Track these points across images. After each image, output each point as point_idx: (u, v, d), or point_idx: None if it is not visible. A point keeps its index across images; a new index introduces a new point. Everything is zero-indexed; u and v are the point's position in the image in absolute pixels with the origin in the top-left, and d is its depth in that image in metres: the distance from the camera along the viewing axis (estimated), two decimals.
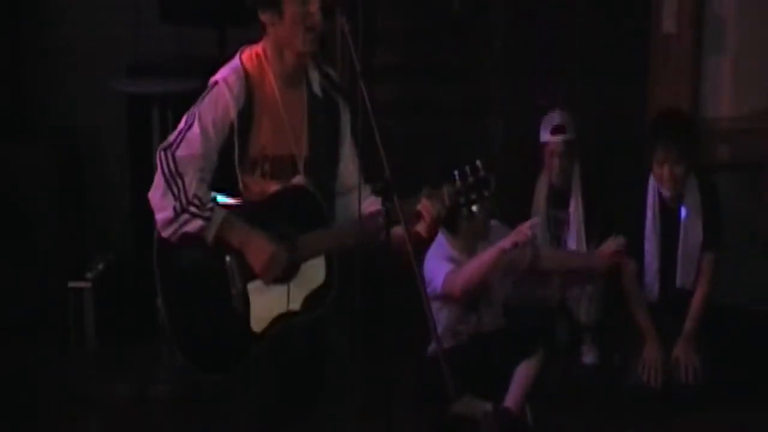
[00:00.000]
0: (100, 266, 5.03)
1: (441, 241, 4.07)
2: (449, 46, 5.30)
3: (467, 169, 2.97)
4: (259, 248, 2.97)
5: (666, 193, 4.34)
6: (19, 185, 5.05)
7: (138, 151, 4.95)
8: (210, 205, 2.94)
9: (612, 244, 4.29)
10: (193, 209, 2.92)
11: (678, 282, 4.39)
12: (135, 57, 5.08)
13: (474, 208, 3.01)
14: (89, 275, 4.94)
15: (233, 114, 2.99)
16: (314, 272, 3.03)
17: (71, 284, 4.88)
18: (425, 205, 2.97)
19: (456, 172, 2.98)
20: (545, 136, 4.64)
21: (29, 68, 5.40)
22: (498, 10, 5.22)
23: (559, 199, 4.72)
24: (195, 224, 2.93)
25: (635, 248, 4.40)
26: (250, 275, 3.02)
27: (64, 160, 5.23)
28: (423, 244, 3.04)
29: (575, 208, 4.68)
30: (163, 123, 4.63)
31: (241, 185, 3.03)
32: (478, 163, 2.98)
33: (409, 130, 5.20)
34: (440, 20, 5.31)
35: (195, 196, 2.93)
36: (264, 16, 3.00)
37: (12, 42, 5.36)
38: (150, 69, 4.98)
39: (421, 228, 2.99)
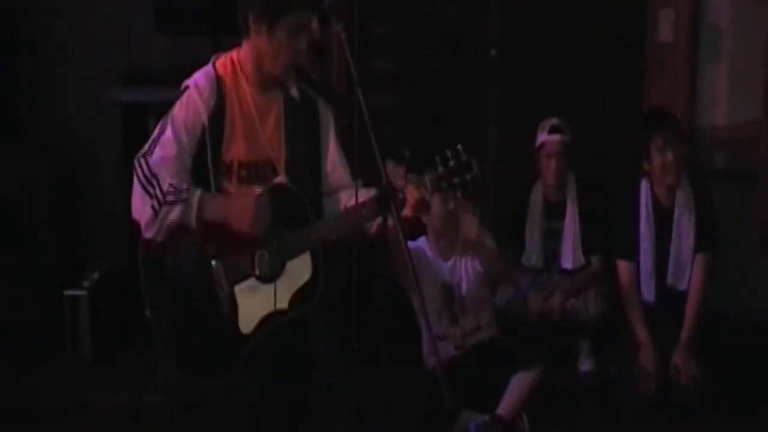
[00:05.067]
0: (96, 274, 5.02)
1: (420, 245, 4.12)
2: (445, 54, 5.31)
3: (449, 153, 2.98)
4: (240, 206, 2.97)
5: (669, 180, 4.36)
6: (14, 194, 5.03)
7: (132, 159, 4.93)
8: (185, 187, 2.95)
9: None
10: (170, 197, 2.94)
11: (669, 281, 4.40)
12: (130, 66, 5.07)
13: (458, 193, 3.01)
14: (85, 283, 4.93)
15: (204, 117, 3.01)
16: (300, 269, 3.04)
17: (66, 292, 4.87)
18: (409, 190, 2.98)
19: (437, 158, 2.98)
20: (542, 136, 4.65)
21: (23, 77, 5.39)
22: (493, 18, 5.23)
23: (554, 210, 4.72)
24: (175, 211, 2.94)
25: (632, 253, 4.41)
26: (236, 277, 3.01)
27: (58, 168, 5.22)
28: (410, 229, 3.03)
29: (571, 219, 4.68)
30: None
31: (214, 190, 3.02)
32: (459, 147, 2.99)
33: (404, 138, 5.19)
34: (436, 28, 5.32)
35: (170, 185, 2.94)
36: (254, 25, 3.00)
37: (6, 51, 5.35)
38: (145, 78, 4.98)
39: (406, 211, 3.00)
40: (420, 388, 3.92)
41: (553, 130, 4.63)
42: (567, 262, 4.70)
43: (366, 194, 3.04)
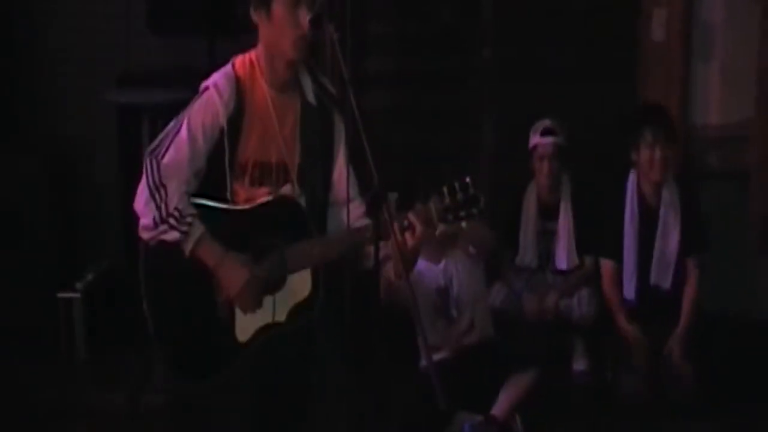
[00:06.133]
0: (90, 276, 5.02)
1: None
2: (440, 54, 5.32)
3: (457, 185, 2.97)
4: (232, 274, 2.96)
5: (654, 177, 4.35)
6: (9, 195, 5.04)
7: (128, 161, 4.95)
8: (189, 219, 2.94)
9: None
10: (172, 221, 2.93)
11: (653, 279, 4.41)
12: (125, 67, 5.08)
13: (463, 224, 3.01)
14: (79, 285, 4.93)
15: (223, 119, 2.99)
16: (300, 284, 3.02)
17: (61, 294, 4.88)
18: (411, 221, 2.97)
19: (445, 189, 2.97)
20: (535, 139, 4.66)
21: (20, 78, 5.40)
22: (488, 17, 5.24)
23: (548, 210, 4.73)
24: (172, 235, 2.94)
25: (617, 252, 4.43)
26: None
27: (54, 169, 5.22)
28: (409, 260, 3.03)
29: (565, 220, 4.69)
30: (153, 133, 4.61)
31: (229, 192, 3.03)
32: (468, 180, 2.98)
33: (400, 139, 5.21)
34: (431, 27, 5.33)
35: (175, 209, 2.93)
36: (255, 15, 3.01)
37: (5, 52, 5.36)
38: (140, 79, 4.99)
39: (408, 239, 2.98)
40: (415, 390, 3.93)
41: (545, 132, 4.64)
42: (561, 262, 4.71)
43: (361, 207, 3.06)
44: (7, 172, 5.08)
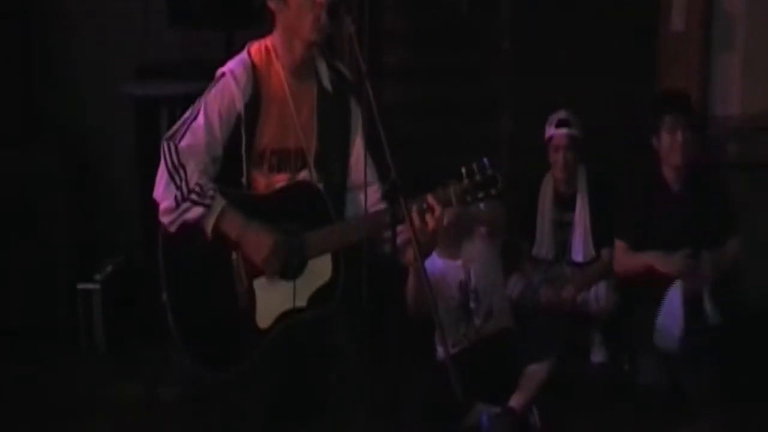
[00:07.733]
0: (109, 268, 5.04)
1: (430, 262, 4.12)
2: (458, 47, 5.30)
3: (475, 167, 2.99)
4: (257, 240, 2.98)
5: (675, 161, 4.34)
6: (29, 188, 5.07)
7: (146, 153, 4.96)
8: (211, 193, 2.96)
9: None
10: (194, 197, 2.95)
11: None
12: (143, 60, 5.09)
13: (481, 205, 3.03)
14: (98, 277, 4.95)
15: (240, 106, 3.00)
16: (320, 269, 3.04)
17: (80, 286, 4.90)
18: (431, 203, 2.98)
19: (463, 170, 2.99)
20: (550, 130, 4.65)
21: (39, 72, 5.42)
22: (506, 9, 5.22)
23: (564, 201, 4.72)
24: (195, 212, 2.96)
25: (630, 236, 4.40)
26: (256, 271, 3.02)
27: (73, 162, 5.25)
28: (428, 243, 3.04)
29: (581, 211, 4.68)
30: (171, 125, 4.63)
31: (245, 178, 3.03)
32: (485, 161, 3.01)
33: (418, 132, 5.20)
34: (449, 20, 5.31)
35: (197, 184, 2.96)
36: (272, 4, 3.02)
37: (22, 47, 5.38)
38: (158, 72, 5.00)
39: (428, 221, 2.98)
40: (432, 381, 3.92)
41: (560, 124, 4.63)
42: (578, 254, 4.70)
43: (379, 192, 3.07)
44: (24, 166, 5.10)
